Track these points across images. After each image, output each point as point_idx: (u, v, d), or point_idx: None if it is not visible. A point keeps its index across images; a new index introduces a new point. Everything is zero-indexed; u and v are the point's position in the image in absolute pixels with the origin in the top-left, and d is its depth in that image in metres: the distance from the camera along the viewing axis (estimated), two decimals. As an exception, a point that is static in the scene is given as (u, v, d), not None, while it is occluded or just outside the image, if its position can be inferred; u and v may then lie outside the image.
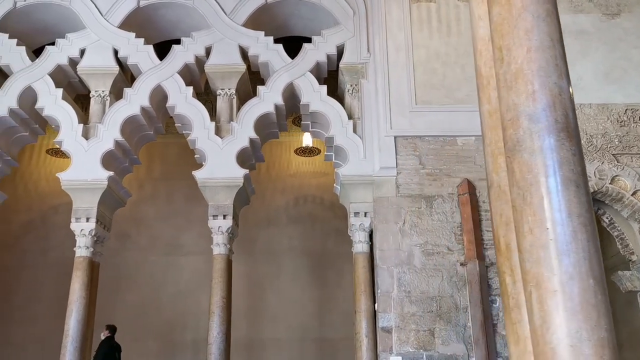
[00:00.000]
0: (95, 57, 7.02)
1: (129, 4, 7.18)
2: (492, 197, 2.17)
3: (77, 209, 6.56)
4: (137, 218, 11.48)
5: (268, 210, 11.71)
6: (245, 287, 11.46)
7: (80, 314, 6.16)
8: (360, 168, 6.53)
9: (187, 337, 10.87)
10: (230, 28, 7.12)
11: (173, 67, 6.97)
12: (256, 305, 11.35)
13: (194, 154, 9.16)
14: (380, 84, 6.75)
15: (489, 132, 2.12)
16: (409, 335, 5.87)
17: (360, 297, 6.23)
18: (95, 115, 6.90)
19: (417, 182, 6.46)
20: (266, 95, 6.83)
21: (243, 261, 11.31)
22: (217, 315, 6.20)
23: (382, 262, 6.13)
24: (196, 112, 6.79)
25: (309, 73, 6.93)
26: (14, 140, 7.19)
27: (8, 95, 6.77)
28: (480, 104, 2.27)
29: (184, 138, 9.89)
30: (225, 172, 6.57)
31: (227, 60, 7.02)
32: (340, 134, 6.66)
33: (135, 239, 11.52)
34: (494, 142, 2.09)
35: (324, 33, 7.11)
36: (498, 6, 1.75)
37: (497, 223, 2.03)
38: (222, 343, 6.12)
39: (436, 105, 6.69)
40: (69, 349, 6.01)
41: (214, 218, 6.59)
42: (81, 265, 6.38)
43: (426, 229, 6.26)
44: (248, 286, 11.45)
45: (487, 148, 2.18)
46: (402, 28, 6.98)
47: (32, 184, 11.76)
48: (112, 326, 8.82)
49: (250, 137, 6.69)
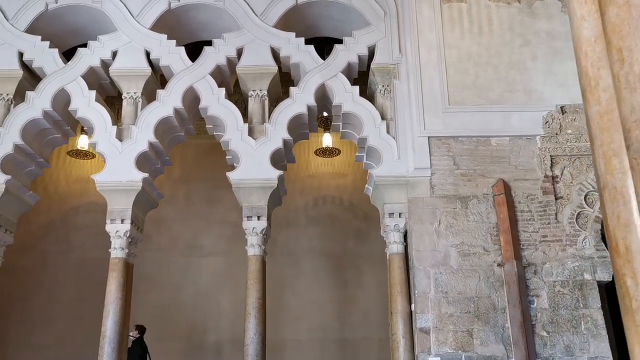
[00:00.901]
0: (127, 58, 7.04)
1: (160, 5, 7.20)
2: (606, 199, 2.16)
3: (112, 211, 6.57)
4: (157, 219, 11.48)
5: (287, 211, 11.70)
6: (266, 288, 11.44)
7: (117, 315, 6.17)
8: (394, 169, 6.53)
9: (208, 338, 10.89)
10: (261, 29, 7.12)
11: (205, 68, 6.98)
12: (276, 306, 11.34)
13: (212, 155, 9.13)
14: (412, 84, 6.75)
15: (600, 134, 2.11)
16: (447, 336, 5.86)
17: (397, 297, 6.22)
18: (127, 116, 6.92)
19: (451, 183, 6.46)
20: (298, 97, 6.84)
21: (263, 262, 11.32)
22: (254, 316, 6.21)
23: (419, 263, 6.13)
24: (229, 114, 6.80)
25: (341, 74, 6.93)
26: (46, 142, 7.21)
27: (42, 97, 6.79)
28: (588, 105, 2.26)
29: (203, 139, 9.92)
30: (259, 173, 6.57)
31: (259, 61, 7.03)
32: (374, 134, 6.66)
33: (155, 240, 11.53)
34: (606, 144, 2.08)
35: (354, 34, 7.12)
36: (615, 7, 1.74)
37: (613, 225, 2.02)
38: (258, 344, 6.13)
39: (469, 105, 6.69)
40: (106, 350, 6.02)
41: (248, 219, 6.60)
42: (117, 266, 6.39)
43: (462, 230, 6.26)
44: (268, 287, 11.39)
45: (598, 150, 2.17)
46: (434, 28, 6.99)
47: (52, 185, 11.78)
48: (141, 327, 8.86)
49: (284, 138, 6.70)
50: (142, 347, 8.92)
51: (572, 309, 5.93)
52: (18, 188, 6.77)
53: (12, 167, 6.72)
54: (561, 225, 6.24)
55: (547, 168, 6.45)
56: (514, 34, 7.00)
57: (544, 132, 6.55)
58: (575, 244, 6.18)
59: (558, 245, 6.17)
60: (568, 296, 5.97)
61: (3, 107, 6.92)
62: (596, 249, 6.14)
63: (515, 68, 6.83)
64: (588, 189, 6.36)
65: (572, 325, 5.87)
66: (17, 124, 6.66)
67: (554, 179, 6.43)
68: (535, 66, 6.84)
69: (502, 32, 7.02)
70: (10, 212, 6.87)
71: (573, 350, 5.79)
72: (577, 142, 6.53)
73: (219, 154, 11.48)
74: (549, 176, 6.43)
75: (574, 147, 6.51)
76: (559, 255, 6.13)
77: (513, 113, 6.61)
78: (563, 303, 5.94)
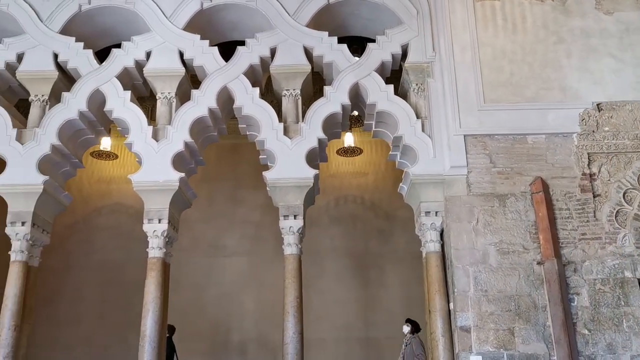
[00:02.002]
0: (161, 59, 7.06)
1: (192, 6, 7.21)
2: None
3: (149, 211, 6.59)
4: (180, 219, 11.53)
5: (309, 211, 11.68)
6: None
7: (156, 314, 6.19)
8: (431, 167, 6.53)
9: (232, 338, 10.90)
10: (294, 29, 7.13)
11: (238, 68, 6.99)
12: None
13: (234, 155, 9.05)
14: (447, 82, 6.74)
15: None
16: (489, 335, 5.85)
17: (434, 296, 6.21)
18: (162, 117, 6.94)
19: (488, 181, 6.44)
20: (332, 96, 6.84)
21: (286, 261, 11.32)
22: (292, 315, 6.22)
23: (457, 261, 6.12)
24: (263, 113, 6.81)
25: (375, 72, 6.93)
26: (80, 142, 7.24)
27: (77, 97, 6.82)
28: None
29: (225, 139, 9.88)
30: (295, 173, 6.58)
31: (292, 60, 7.04)
32: (409, 133, 6.65)
33: (178, 241, 11.57)
34: None
35: (388, 32, 7.11)
36: None
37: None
38: (298, 343, 6.13)
39: (504, 103, 6.67)
40: (146, 349, 6.04)
41: (284, 218, 6.61)
42: (155, 266, 6.42)
43: (500, 228, 6.25)
44: (291, 286, 11.43)
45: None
46: (467, 26, 6.97)
47: (75, 186, 11.84)
48: (171, 326, 8.88)
49: (319, 138, 6.70)
50: (170, 347, 8.95)
51: (613, 307, 5.90)
52: (55, 188, 6.81)
53: (48, 167, 6.76)
54: (600, 223, 6.21)
55: (585, 166, 6.42)
56: (548, 31, 6.98)
57: (581, 130, 6.53)
58: (615, 241, 6.15)
59: (597, 243, 6.15)
60: (609, 294, 5.94)
61: (38, 107, 6.96)
62: (636, 246, 6.11)
63: (550, 66, 6.80)
64: (627, 187, 6.33)
65: (614, 323, 5.84)
66: (53, 125, 6.70)
67: (591, 176, 6.40)
68: (570, 64, 6.82)
69: (535, 30, 7.00)
70: (47, 213, 6.91)
71: (615, 348, 5.76)
72: (614, 139, 6.49)
73: (241, 154, 11.53)
74: (587, 174, 6.40)
75: (612, 145, 6.48)
76: (599, 253, 6.11)
77: (549, 111, 6.59)
78: (604, 301, 5.92)
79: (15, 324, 6.17)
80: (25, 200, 6.52)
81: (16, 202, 6.53)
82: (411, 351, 6.85)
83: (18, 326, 6.19)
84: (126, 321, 10.77)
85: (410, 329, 7.11)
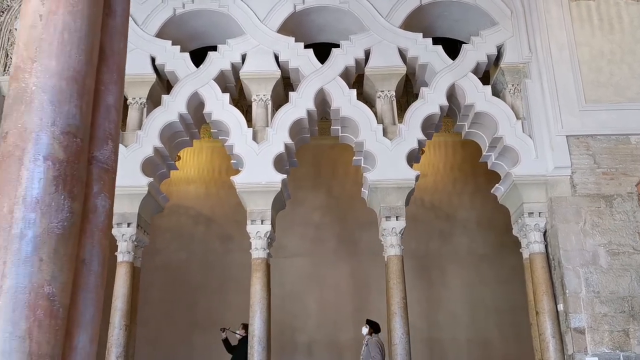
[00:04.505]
0: (256, 61, 7.12)
1: (286, 9, 7.27)
2: None
3: (251, 212, 6.65)
4: (239, 220, 11.57)
5: (369, 212, 11.71)
6: (351, 288, 11.48)
7: (264, 314, 6.24)
8: (533, 168, 6.51)
9: (298, 339, 10.93)
10: (388, 30, 7.16)
11: (334, 70, 7.03)
12: (362, 306, 11.35)
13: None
14: (546, 83, 6.72)
15: None
16: (603, 336, 5.82)
17: (542, 297, 6.19)
18: (259, 119, 7.00)
19: (593, 182, 6.41)
20: (430, 97, 6.85)
21: (347, 262, 11.35)
22: (399, 315, 6.24)
23: (567, 263, 6.10)
24: (361, 115, 6.84)
25: (471, 73, 6.94)
26: (176, 144, 7.33)
27: (177, 100, 6.91)
28: None
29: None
30: (396, 174, 6.61)
31: (387, 62, 7.06)
32: (510, 134, 6.65)
33: (238, 241, 11.58)
34: None
35: (482, 33, 7.12)
36: None
37: None
38: (407, 344, 6.15)
39: (605, 103, 6.63)
40: (256, 349, 6.09)
41: (387, 219, 6.63)
42: (260, 266, 6.47)
43: (608, 229, 6.21)
44: (353, 287, 11.47)
45: None
46: (563, 26, 6.95)
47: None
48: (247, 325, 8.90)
49: (418, 139, 6.72)
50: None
51: None
52: (156, 190, 6.90)
53: (150, 169, 6.85)
54: None
55: (690, 165, 6.37)
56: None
57: (685, 129, 6.48)
58: None
59: None
60: None
61: (137, 110, 7.06)
62: None
63: (651, 66, 6.76)
64: None
65: None
66: (155, 127, 6.79)
67: (697, 176, 6.34)
68: (670, 63, 6.77)
69: (633, 30, 6.95)
70: (148, 214, 7.01)
71: None
72: None
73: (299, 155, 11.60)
74: (693, 174, 6.34)
75: None
76: None
77: (651, 111, 6.54)
78: None
79: (126, 323, 6.26)
80: (130, 201, 6.61)
81: (121, 203, 6.61)
82: (367, 352, 6.71)
83: (128, 326, 6.27)
84: (191, 322, 10.87)
85: (369, 329, 6.92)
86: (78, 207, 1.73)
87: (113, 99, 1.96)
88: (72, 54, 1.79)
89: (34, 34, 1.76)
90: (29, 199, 1.61)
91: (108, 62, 2.00)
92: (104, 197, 1.89)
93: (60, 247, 1.62)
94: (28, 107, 1.70)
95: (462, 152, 11.71)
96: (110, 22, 2.03)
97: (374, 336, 6.90)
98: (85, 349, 1.68)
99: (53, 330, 1.55)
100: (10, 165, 1.65)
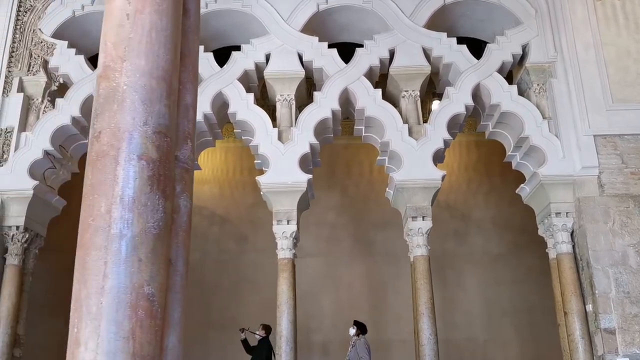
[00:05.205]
0: (280, 61, 7.11)
1: (309, 8, 7.25)
2: None
3: (277, 212, 6.64)
4: (254, 220, 11.59)
5: (384, 212, 11.68)
6: (366, 288, 11.47)
7: (291, 314, 6.24)
8: (560, 168, 6.49)
9: (314, 339, 10.92)
10: (412, 30, 7.14)
11: (359, 69, 7.01)
12: (379, 306, 11.35)
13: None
14: (572, 83, 6.70)
15: None
16: (634, 337, 5.79)
17: (571, 298, 6.16)
18: (284, 119, 6.99)
19: (621, 182, 6.39)
20: (455, 97, 6.84)
21: (362, 262, 11.34)
22: (427, 316, 6.22)
23: (596, 263, 6.08)
24: (386, 115, 6.82)
25: (497, 73, 6.91)
26: (199, 144, 7.32)
27: (200, 100, 6.87)
28: None
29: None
30: (422, 174, 6.59)
31: (412, 62, 7.04)
32: (536, 134, 6.62)
33: (253, 241, 11.62)
34: None
35: (507, 33, 7.09)
36: None
37: None
38: (434, 344, 6.13)
39: (633, 103, 6.61)
40: (284, 349, 6.08)
41: (413, 220, 6.62)
42: (286, 267, 6.46)
43: (637, 229, 6.18)
44: (369, 287, 11.45)
45: None
46: (589, 26, 6.92)
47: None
48: (268, 326, 8.88)
49: (444, 138, 6.70)
50: (268, 347, 8.98)
51: None
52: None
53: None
54: None
55: None
56: (672, 30, 6.91)
57: None
58: None
59: None
60: None
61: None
62: None
63: (678, 65, 6.73)
64: None
65: None
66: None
67: None
68: (697, 63, 6.74)
69: (659, 29, 6.93)
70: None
71: None
72: None
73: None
74: None
75: None
76: None
77: (679, 111, 6.52)
78: None
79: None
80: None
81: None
82: (355, 353, 6.69)
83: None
84: (205, 322, 10.85)
85: (356, 331, 6.91)
86: (170, 207, 1.72)
87: (190, 99, 1.95)
88: (160, 53, 1.78)
89: (122, 33, 1.76)
90: (126, 198, 1.61)
91: (185, 61, 2.00)
92: (186, 197, 1.88)
93: (157, 247, 1.61)
94: (120, 106, 1.70)
95: (477, 152, 11.70)
96: (185, 21, 2.03)
97: (362, 337, 6.90)
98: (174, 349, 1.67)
99: (153, 331, 1.55)
100: (106, 164, 1.65)
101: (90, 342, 1.44)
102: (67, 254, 10.87)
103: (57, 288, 9.95)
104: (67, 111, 6.87)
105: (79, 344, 1.45)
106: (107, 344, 1.45)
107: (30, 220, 6.69)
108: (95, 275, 1.53)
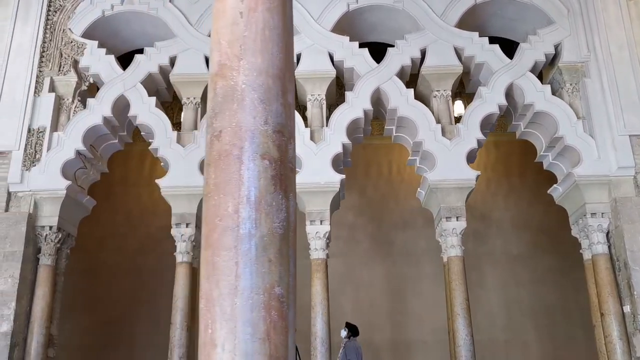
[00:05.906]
0: (310, 61, 7.08)
1: (339, 8, 7.23)
2: None
3: (310, 212, 6.61)
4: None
5: (403, 212, 11.66)
6: (386, 289, 11.42)
7: (325, 315, 6.21)
8: (595, 168, 6.45)
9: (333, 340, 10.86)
10: (444, 29, 7.11)
11: (390, 69, 6.99)
12: (398, 307, 11.30)
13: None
14: (606, 82, 6.67)
15: None
16: (674, 338, 5.76)
17: (607, 299, 6.12)
18: (315, 118, 6.96)
19: (658, 182, 6.35)
20: (488, 96, 6.81)
21: (382, 263, 11.30)
22: (463, 317, 6.18)
23: (634, 264, 6.04)
24: (419, 114, 6.79)
25: (530, 73, 6.88)
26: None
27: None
28: None
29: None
30: (456, 174, 6.57)
31: (443, 61, 7.02)
32: (570, 133, 6.59)
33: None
34: None
35: (539, 32, 7.06)
36: None
37: None
38: (471, 345, 6.10)
39: (669, 103, 6.57)
40: (319, 349, 6.07)
41: (447, 220, 6.58)
42: (320, 267, 6.43)
43: (675, 230, 6.15)
44: (388, 288, 11.40)
45: None
46: (622, 25, 6.90)
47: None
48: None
49: (477, 138, 6.67)
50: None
51: None
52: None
53: (207, 169, 6.81)
54: None
55: None
56: None
57: None
58: None
59: None
60: None
61: (192, 110, 7.04)
62: None
63: None
64: None
65: None
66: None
67: None
68: None
69: (692, 28, 6.89)
70: (204, 214, 6.97)
71: None
72: None
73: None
74: None
75: None
76: None
77: None
78: None
79: (187, 324, 6.24)
80: (188, 202, 6.60)
81: (180, 204, 6.61)
82: (344, 356, 6.67)
83: (190, 326, 6.25)
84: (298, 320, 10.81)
85: (347, 333, 6.86)
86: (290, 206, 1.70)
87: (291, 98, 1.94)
88: (274, 52, 1.76)
89: (236, 31, 1.74)
90: (253, 198, 1.58)
91: (284, 60, 1.99)
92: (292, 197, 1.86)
93: (283, 248, 1.60)
94: (240, 105, 1.67)
95: (496, 152, 11.65)
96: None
97: (352, 340, 6.86)
98: (291, 350, 1.65)
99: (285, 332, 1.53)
100: (229, 164, 1.63)
101: (227, 344, 1.41)
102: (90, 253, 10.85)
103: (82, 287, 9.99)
104: (98, 111, 6.86)
105: (214, 345, 1.43)
106: (244, 346, 1.43)
107: (63, 220, 6.68)
108: (227, 276, 1.50)
